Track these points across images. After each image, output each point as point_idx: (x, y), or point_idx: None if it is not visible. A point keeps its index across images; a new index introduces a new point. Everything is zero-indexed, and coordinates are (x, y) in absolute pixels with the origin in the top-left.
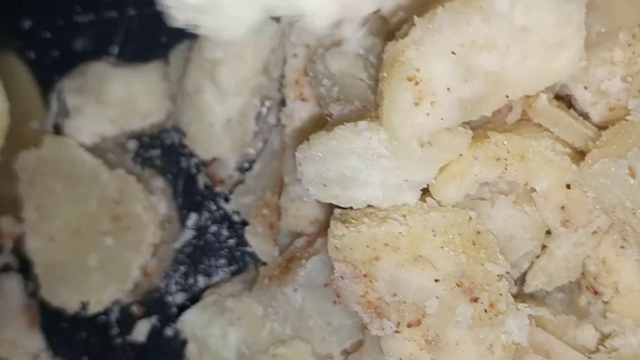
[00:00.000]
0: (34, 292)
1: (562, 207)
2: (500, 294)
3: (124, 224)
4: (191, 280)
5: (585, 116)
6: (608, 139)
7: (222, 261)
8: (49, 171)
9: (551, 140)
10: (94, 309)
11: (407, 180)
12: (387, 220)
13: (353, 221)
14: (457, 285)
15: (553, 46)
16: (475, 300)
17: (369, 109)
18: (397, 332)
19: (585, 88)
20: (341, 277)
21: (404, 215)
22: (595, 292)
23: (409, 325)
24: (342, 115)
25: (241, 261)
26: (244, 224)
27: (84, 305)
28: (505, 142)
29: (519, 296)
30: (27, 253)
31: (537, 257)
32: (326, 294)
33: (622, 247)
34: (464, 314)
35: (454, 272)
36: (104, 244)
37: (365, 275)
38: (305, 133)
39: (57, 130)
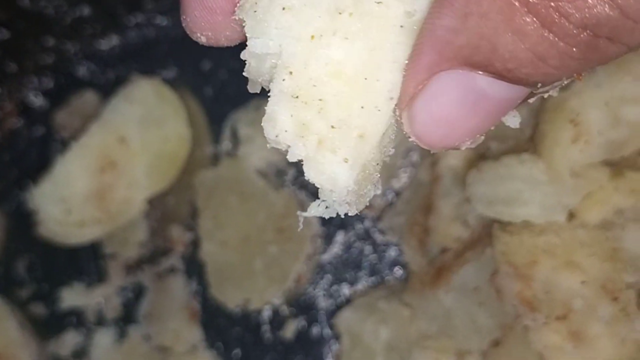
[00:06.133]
0: (196, 291)
1: None
2: (630, 300)
3: (286, 235)
4: (336, 288)
5: None
6: None
7: (364, 272)
8: (224, 187)
9: None
10: (254, 305)
11: (559, 202)
12: (545, 232)
13: (514, 232)
14: (601, 287)
15: None
16: (615, 299)
17: (521, 146)
18: (545, 323)
19: None
20: (503, 276)
21: (556, 231)
22: None
23: (557, 319)
24: (499, 150)
25: (381, 273)
26: (386, 242)
27: (246, 302)
28: (639, 178)
29: None
30: (201, 256)
31: None
32: (475, 296)
33: None
34: (604, 310)
35: (598, 276)
36: (268, 252)
37: (524, 276)
38: (456, 166)
39: (229, 154)
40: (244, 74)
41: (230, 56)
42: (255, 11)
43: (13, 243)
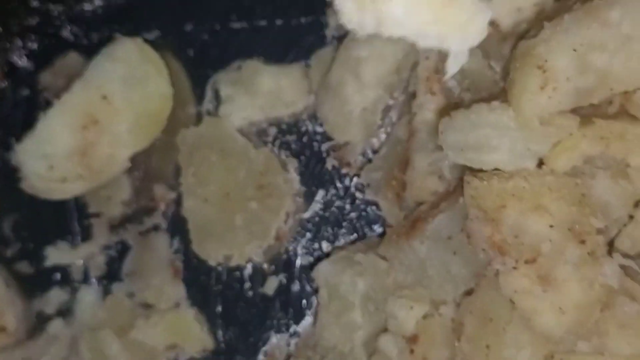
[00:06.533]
0: (179, 249)
1: None
2: (599, 244)
3: (266, 192)
4: (316, 245)
5: None
6: None
7: (344, 230)
8: (206, 144)
9: None
10: (235, 261)
11: (528, 149)
12: (514, 177)
13: (484, 178)
14: (569, 230)
15: None
16: (583, 242)
17: (494, 97)
18: (515, 268)
19: None
20: (473, 221)
21: (525, 176)
22: None
23: (526, 262)
24: (472, 101)
25: (361, 231)
26: (366, 200)
27: (227, 258)
28: (607, 125)
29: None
30: (182, 212)
31: (625, 225)
32: (449, 245)
33: None
34: (572, 254)
35: (566, 220)
36: (249, 208)
37: (493, 220)
38: (432, 120)
39: (210, 114)
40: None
41: (212, 18)
42: None
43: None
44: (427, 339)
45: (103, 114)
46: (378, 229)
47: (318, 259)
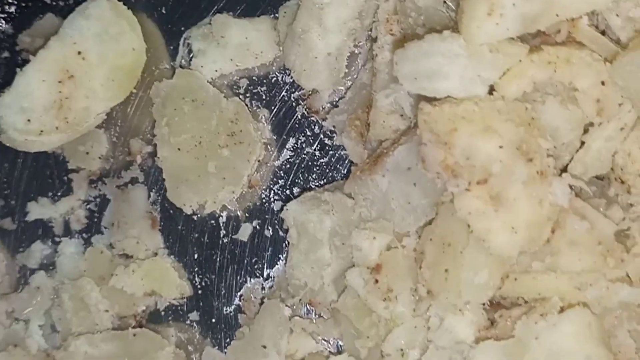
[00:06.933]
0: (155, 200)
1: (598, 100)
2: (549, 165)
3: (238, 139)
4: (288, 192)
5: (616, 41)
6: (635, 43)
7: (315, 176)
8: (178, 96)
9: (590, 50)
10: (209, 208)
11: (479, 76)
12: (464, 102)
13: (437, 104)
14: (517, 149)
15: None
16: (531, 160)
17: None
18: (467, 190)
19: (617, 15)
20: (427, 145)
21: (476, 101)
22: (622, 182)
23: (478, 183)
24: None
25: (331, 177)
26: (335, 146)
27: (201, 206)
28: (554, 50)
29: None
30: (157, 162)
31: (577, 151)
32: (409, 177)
33: None
34: (521, 173)
35: (515, 139)
36: (221, 155)
37: (445, 143)
38: (391, 59)
39: (183, 67)
40: None
41: None
42: None
43: None
44: (390, 269)
45: (78, 69)
46: (347, 172)
47: None
